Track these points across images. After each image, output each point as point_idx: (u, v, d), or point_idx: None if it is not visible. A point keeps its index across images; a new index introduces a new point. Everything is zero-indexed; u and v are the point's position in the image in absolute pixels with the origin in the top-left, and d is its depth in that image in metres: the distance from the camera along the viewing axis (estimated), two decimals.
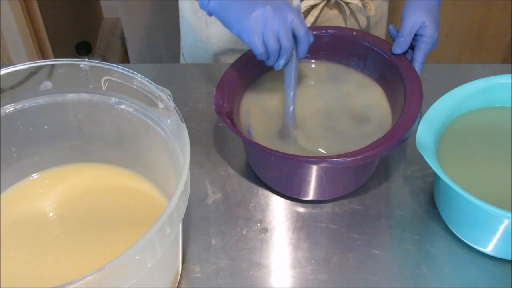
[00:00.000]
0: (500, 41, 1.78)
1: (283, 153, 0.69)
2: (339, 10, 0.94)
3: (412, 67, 0.78)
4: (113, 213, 0.70)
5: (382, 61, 0.81)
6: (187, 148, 0.57)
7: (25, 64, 0.64)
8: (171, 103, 0.61)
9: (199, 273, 0.70)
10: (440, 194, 0.74)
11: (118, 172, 0.73)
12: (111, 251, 0.53)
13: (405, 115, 0.72)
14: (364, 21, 0.97)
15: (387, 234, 0.74)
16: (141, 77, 0.63)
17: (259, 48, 0.70)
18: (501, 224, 0.66)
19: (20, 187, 0.71)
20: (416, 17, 0.79)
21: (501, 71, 0.79)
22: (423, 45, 0.79)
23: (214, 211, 0.77)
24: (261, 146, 0.70)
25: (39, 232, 0.68)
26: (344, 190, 0.77)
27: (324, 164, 0.69)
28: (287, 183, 0.77)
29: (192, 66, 1.01)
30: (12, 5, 1.52)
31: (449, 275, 0.70)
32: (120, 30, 2.12)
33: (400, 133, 0.69)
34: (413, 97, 0.73)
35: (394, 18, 1.55)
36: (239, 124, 0.77)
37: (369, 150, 0.68)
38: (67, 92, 0.68)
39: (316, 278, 0.70)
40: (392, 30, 0.83)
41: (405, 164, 0.82)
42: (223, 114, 0.74)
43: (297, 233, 0.75)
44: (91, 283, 0.47)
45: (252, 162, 0.80)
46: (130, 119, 0.68)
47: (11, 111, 0.67)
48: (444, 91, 0.76)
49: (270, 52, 0.70)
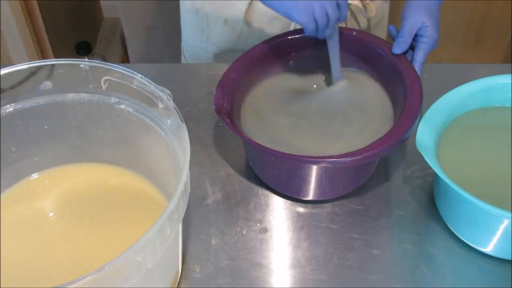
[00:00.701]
0: (500, 41, 1.78)
1: (283, 153, 0.69)
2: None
3: (412, 67, 0.78)
4: (113, 213, 0.70)
5: (382, 61, 0.81)
6: (187, 148, 0.57)
7: (25, 64, 0.64)
8: (171, 103, 0.61)
9: (199, 273, 0.70)
10: (440, 194, 0.74)
11: (118, 172, 0.73)
12: (111, 251, 0.53)
13: (405, 115, 0.72)
14: (365, 22, 0.97)
15: (387, 234, 0.74)
16: (141, 77, 0.63)
17: (311, 25, 0.74)
18: (501, 224, 0.66)
19: (20, 187, 0.71)
20: (416, 17, 0.79)
21: (501, 71, 0.79)
22: (423, 45, 0.79)
23: (214, 211, 0.77)
24: (261, 146, 0.70)
25: (39, 232, 0.68)
26: (344, 190, 0.77)
27: (324, 164, 0.69)
28: (287, 183, 0.77)
29: (192, 66, 1.01)
30: (12, 5, 1.52)
31: (449, 275, 0.70)
32: (120, 30, 2.12)
33: (400, 133, 0.69)
34: (413, 97, 0.73)
35: (395, 19, 1.55)
36: (239, 124, 0.77)
37: (369, 150, 0.68)
38: (67, 92, 0.68)
39: (316, 278, 0.70)
40: (393, 30, 0.83)
41: (405, 164, 0.82)
42: (223, 114, 0.73)
43: (297, 233, 0.75)
44: (91, 283, 0.46)
45: (252, 162, 0.80)
46: (130, 119, 0.68)
47: (11, 111, 0.67)
48: (444, 91, 0.76)
49: (319, 27, 0.75)
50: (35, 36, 1.64)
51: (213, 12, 0.96)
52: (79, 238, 0.67)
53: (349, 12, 0.94)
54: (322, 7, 0.73)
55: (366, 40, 0.83)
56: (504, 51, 1.80)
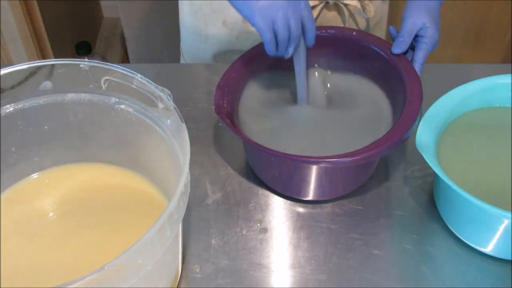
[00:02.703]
0: (500, 41, 1.78)
1: (283, 153, 0.69)
2: (338, 12, 0.94)
3: (412, 67, 0.78)
4: (113, 213, 0.70)
5: (382, 61, 0.81)
6: (187, 148, 0.57)
7: (25, 64, 0.64)
8: (171, 103, 0.61)
9: (199, 273, 0.70)
10: (440, 194, 0.74)
11: (118, 172, 0.73)
12: (111, 251, 0.53)
13: (405, 115, 0.72)
14: (364, 22, 0.97)
15: (387, 234, 0.74)
16: (141, 77, 0.63)
17: (269, 34, 0.71)
18: (501, 224, 0.66)
19: (20, 187, 0.71)
20: (417, 18, 0.79)
21: (501, 71, 0.79)
22: (424, 45, 0.79)
23: (214, 211, 0.77)
24: (261, 146, 0.70)
25: (39, 232, 0.68)
26: (344, 190, 0.77)
27: (324, 164, 0.69)
28: (287, 183, 0.77)
29: (192, 66, 1.01)
30: (12, 5, 1.52)
31: (449, 275, 0.70)
32: (120, 30, 2.12)
33: (400, 133, 0.69)
34: (413, 97, 0.73)
35: (395, 19, 1.54)
36: (238, 124, 0.77)
37: (369, 150, 0.68)
38: (67, 92, 0.68)
39: (316, 278, 0.70)
40: (393, 31, 0.83)
41: (405, 164, 0.82)
42: (223, 114, 0.73)
43: (297, 233, 0.75)
44: (91, 283, 0.47)
45: (252, 162, 0.80)
46: (130, 119, 0.68)
47: (11, 111, 0.67)
48: (444, 91, 0.76)
49: (279, 40, 0.71)
50: (35, 36, 1.64)
51: (212, 13, 0.96)
52: (79, 238, 0.67)
53: (348, 13, 0.94)
54: (284, 18, 0.70)
55: (366, 40, 0.83)
56: (504, 51, 1.80)
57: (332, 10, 0.93)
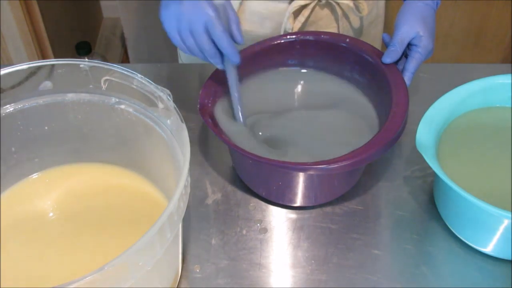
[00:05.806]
0: (500, 41, 1.78)
1: (271, 160, 0.68)
2: (331, 10, 0.92)
3: (400, 75, 0.76)
4: (113, 213, 0.70)
5: (371, 69, 0.79)
6: (187, 148, 0.57)
7: (25, 64, 0.64)
8: (171, 103, 0.61)
9: (199, 273, 0.70)
10: (440, 194, 0.74)
11: (118, 172, 0.73)
12: (111, 251, 0.53)
13: (389, 123, 0.70)
14: (357, 21, 0.95)
15: (387, 234, 0.74)
16: (141, 77, 0.63)
17: (176, 39, 0.71)
18: (501, 224, 0.66)
19: (20, 187, 0.72)
20: (410, 27, 0.77)
21: (501, 71, 0.79)
22: (417, 55, 0.77)
23: (214, 211, 0.77)
24: (243, 150, 0.69)
25: (39, 232, 0.68)
26: (332, 196, 0.76)
27: (311, 171, 0.68)
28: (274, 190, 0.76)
29: (192, 66, 1.01)
30: (12, 5, 1.52)
31: (449, 275, 0.70)
32: (120, 30, 2.12)
33: (381, 143, 0.68)
34: (398, 107, 0.72)
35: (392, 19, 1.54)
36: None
37: (346, 159, 0.66)
38: (67, 92, 0.68)
39: (316, 278, 0.70)
40: (386, 38, 0.82)
41: (405, 164, 0.82)
42: (205, 114, 0.73)
43: (297, 233, 0.75)
44: (91, 283, 0.47)
45: (233, 163, 0.80)
46: (130, 119, 0.68)
47: (11, 111, 0.67)
48: (444, 91, 0.76)
49: (187, 47, 0.71)
50: (35, 36, 1.64)
51: None
52: (79, 238, 0.67)
53: (341, 12, 0.92)
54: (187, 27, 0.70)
55: (356, 47, 0.81)
56: (504, 51, 1.80)
57: (325, 8, 0.92)
